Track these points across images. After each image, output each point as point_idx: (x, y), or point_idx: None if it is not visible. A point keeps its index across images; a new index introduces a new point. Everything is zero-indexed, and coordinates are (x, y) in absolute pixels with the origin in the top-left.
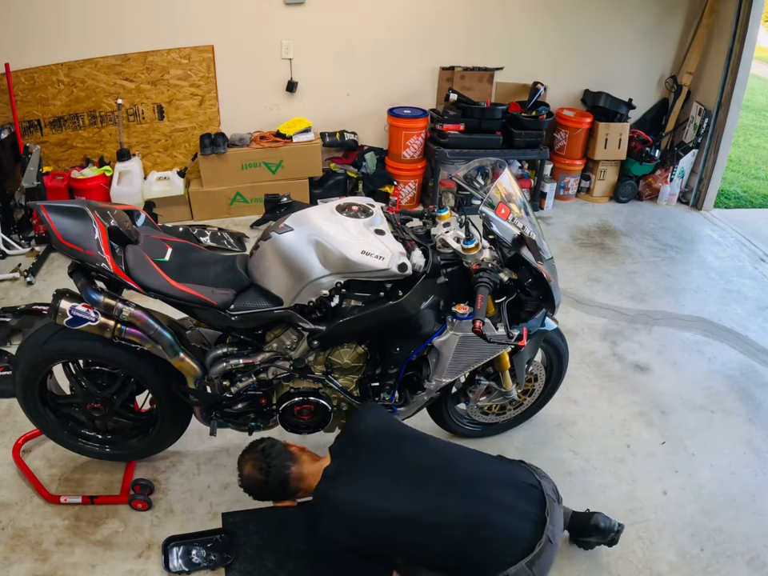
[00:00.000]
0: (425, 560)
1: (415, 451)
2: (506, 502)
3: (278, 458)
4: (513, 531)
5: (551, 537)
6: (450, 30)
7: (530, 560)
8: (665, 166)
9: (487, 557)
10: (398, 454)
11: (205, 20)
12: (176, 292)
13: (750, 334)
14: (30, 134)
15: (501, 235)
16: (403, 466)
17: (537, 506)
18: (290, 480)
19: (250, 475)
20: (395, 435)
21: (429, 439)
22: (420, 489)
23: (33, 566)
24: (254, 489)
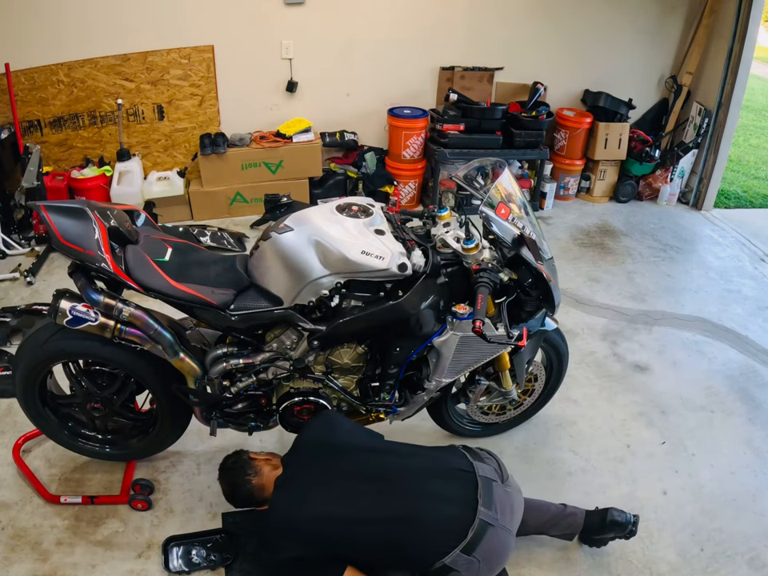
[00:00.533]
0: (364, 559)
1: (344, 458)
2: (433, 491)
3: (239, 472)
4: (441, 520)
5: (490, 521)
6: (450, 30)
7: (464, 546)
8: (665, 166)
9: (421, 548)
10: (332, 461)
11: (205, 20)
12: (176, 292)
13: (750, 334)
14: (30, 134)
15: (501, 235)
16: (336, 472)
17: (467, 491)
18: (253, 492)
19: (223, 489)
20: (328, 444)
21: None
22: (350, 492)
23: (33, 565)
24: (231, 500)
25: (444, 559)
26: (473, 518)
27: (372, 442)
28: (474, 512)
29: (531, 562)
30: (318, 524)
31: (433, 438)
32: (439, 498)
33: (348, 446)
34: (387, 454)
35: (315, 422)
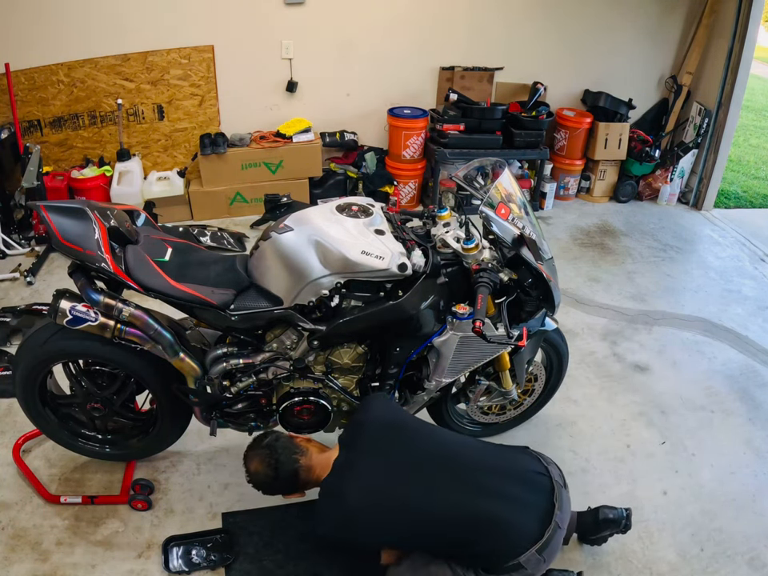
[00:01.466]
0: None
1: (420, 444)
2: (513, 494)
3: (285, 451)
4: (522, 523)
5: (560, 522)
6: (450, 30)
7: (539, 547)
8: (665, 166)
9: (496, 547)
10: (404, 447)
11: (205, 20)
12: (176, 292)
13: (750, 334)
14: (30, 134)
15: (501, 235)
16: (409, 460)
17: (545, 495)
18: (299, 473)
19: (258, 471)
20: (400, 427)
21: (433, 430)
22: (426, 484)
23: (33, 565)
24: (264, 485)
25: (519, 558)
26: (549, 520)
27: (438, 431)
28: (551, 515)
29: None
30: (391, 510)
31: None
32: (519, 500)
33: (419, 431)
34: (460, 446)
35: (375, 403)
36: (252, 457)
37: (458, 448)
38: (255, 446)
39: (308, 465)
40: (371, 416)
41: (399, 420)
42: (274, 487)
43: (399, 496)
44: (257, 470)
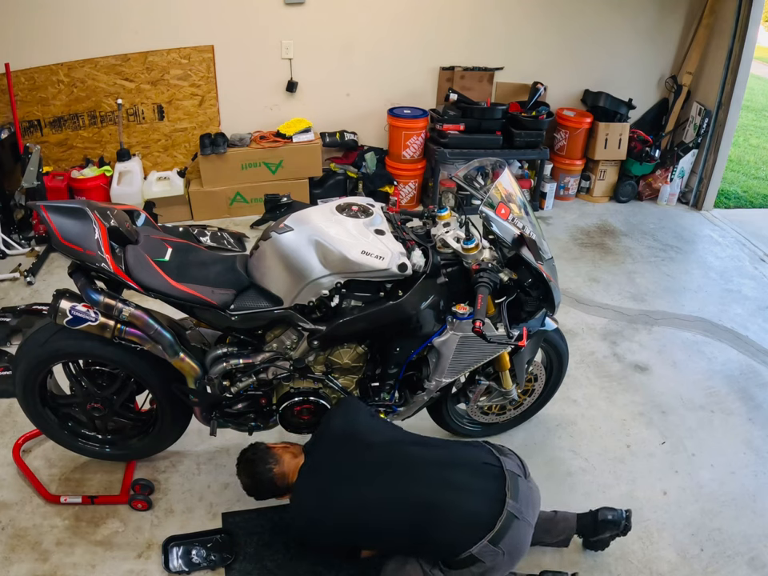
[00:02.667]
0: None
1: (369, 445)
2: (460, 482)
3: (260, 462)
4: (469, 510)
5: (516, 513)
6: (450, 30)
7: (492, 537)
8: (665, 166)
9: (450, 537)
10: (354, 451)
11: (205, 20)
12: (176, 292)
13: (750, 334)
14: (30, 134)
15: (501, 235)
16: (361, 461)
17: (495, 483)
18: (275, 480)
19: (244, 482)
20: (353, 432)
21: (384, 430)
22: (376, 480)
23: (33, 565)
24: (253, 492)
25: (471, 549)
26: (500, 509)
27: (394, 432)
28: (502, 504)
29: (531, 563)
30: (344, 511)
31: None
32: (468, 489)
33: (372, 435)
34: (411, 444)
35: (338, 411)
36: (238, 471)
37: (405, 446)
38: (238, 460)
39: (281, 471)
40: (331, 422)
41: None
42: (261, 493)
43: (352, 496)
44: (243, 482)
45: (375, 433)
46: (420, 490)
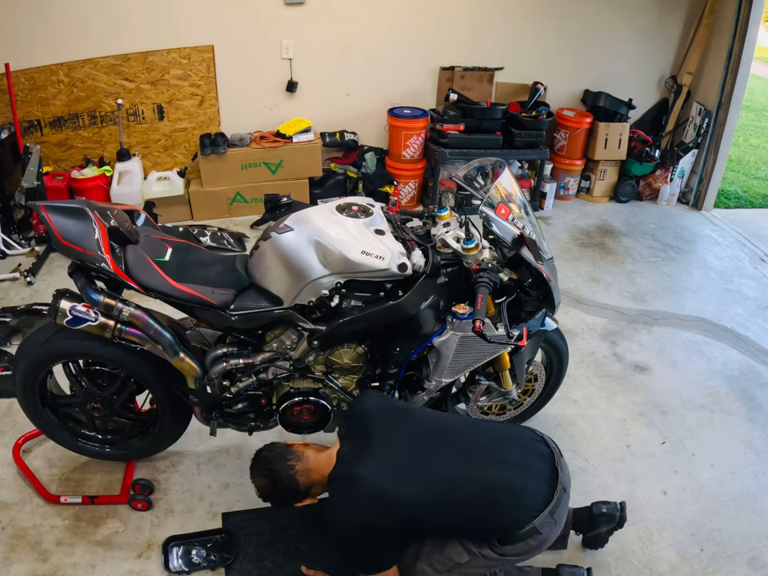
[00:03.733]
0: (450, 530)
1: (423, 422)
2: (519, 460)
3: (279, 459)
4: (533, 487)
5: (565, 486)
6: (450, 30)
7: (551, 509)
8: (665, 166)
9: (514, 515)
10: (409, 426)
11: (205, 20)
12: (176, 292)
13: (750, 334)
14: (30, 134)
15: (501, 235)
16: (418, 436)
17: (547, 460)
18: (297, 478)
19: (260, 485)
20: (400, 409)
21: (427, 410)
22: (438, 460)
23: (33, 565)
24: (270, 496)
25: (534, 521)
26: (556, 482)
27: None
28: (556, 478)
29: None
30: (408, 495)
31: None
32: (526, 465)
33: (418, 412)
34: (457, 423)
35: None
36: (253, 472)
37: (456, 425)
38: (254, 460)
39: (305, 468)
40: (369, 405)
41: (397, 404)
42: (279, 497)
43: (418, 469)
44: (259, 484)
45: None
46: (483, 466)
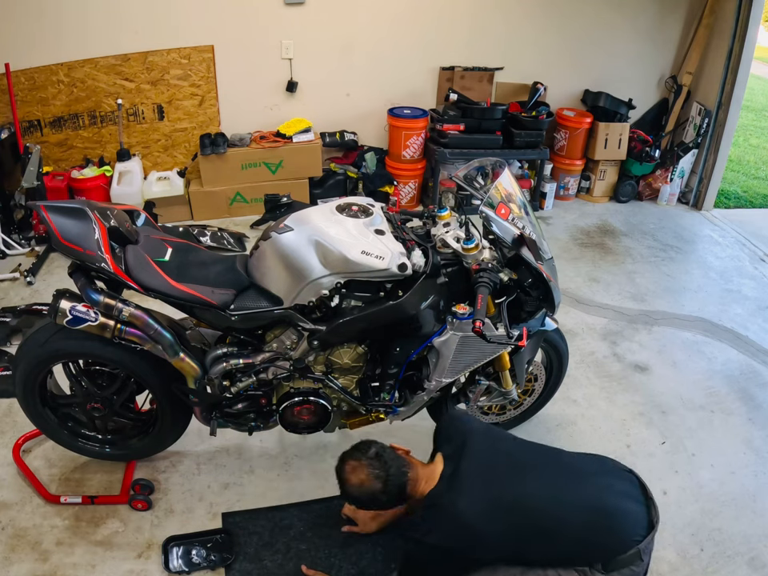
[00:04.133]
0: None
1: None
2: (616, 485)
3: (394, 464)
4: (632, 511)
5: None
6: (450, 30)
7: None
8: (665, 166)
9: (616, 537)
10: (509, 453)
11: (205, 20)
12: (176, 292)
13: (750, 334)
14: (30, 134)
15: (501, 235)
16: (519, 463)
17: (638, 488)
18: (406, 487)
19: (363, 484)
20: (496, 435)
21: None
22: (535, 489)
23: (33, 566)
24: (366, 499)
25: (639, 545)
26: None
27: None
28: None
29: None
30: (512, 517)
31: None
32: (625, 492)
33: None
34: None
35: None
36: (356, 468)
37: (547, 453)
38: (359, 455)
39: (414, 478)
40: (472, 426)
41: (494, 430)
42: (377, 501)
43: (519, 498)
44: (362, 483)
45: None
46: (582, 490)
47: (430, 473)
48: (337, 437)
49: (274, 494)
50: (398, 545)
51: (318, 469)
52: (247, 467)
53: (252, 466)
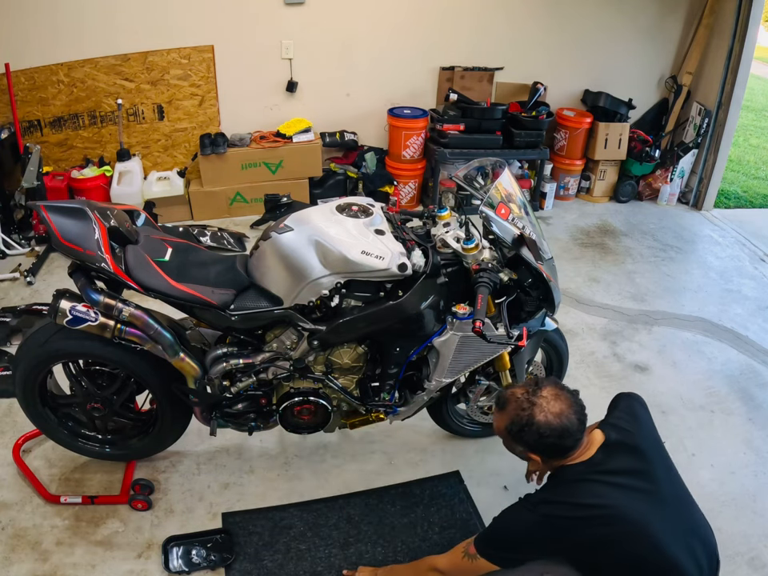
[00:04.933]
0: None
1: (665, 478)
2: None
3: (582, 410)
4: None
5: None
6: (450, 30)
7: None
8: (665, 166)
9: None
10: (652, 474)
11: (205, 20)
12: (176, 292)
13: (750, 334)
14: (30, 134)
15: (501, 235)
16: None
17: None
18: (580, 439)
19: (563, 414)
20: (661, 455)
21: (675, 468)
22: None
23: (33, 565)
24: (553, 432)
25: None
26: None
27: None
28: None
29: None
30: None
31: (433, 438)
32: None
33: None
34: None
35: (644, 410)
36: (559, 396)
37: (683, 492)
38: (560, 385)
39: (584, 440)
40: (642, 427)
41: (662, 448)
42: (562, 442)
43: (636, 518)
44: (561, 412)
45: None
46: (704, 532)
47: (586, 448)
48: (337, 437)
49: (274, 493)
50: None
51: (318, 469)
52: (247, 467)
53: (252, 466)
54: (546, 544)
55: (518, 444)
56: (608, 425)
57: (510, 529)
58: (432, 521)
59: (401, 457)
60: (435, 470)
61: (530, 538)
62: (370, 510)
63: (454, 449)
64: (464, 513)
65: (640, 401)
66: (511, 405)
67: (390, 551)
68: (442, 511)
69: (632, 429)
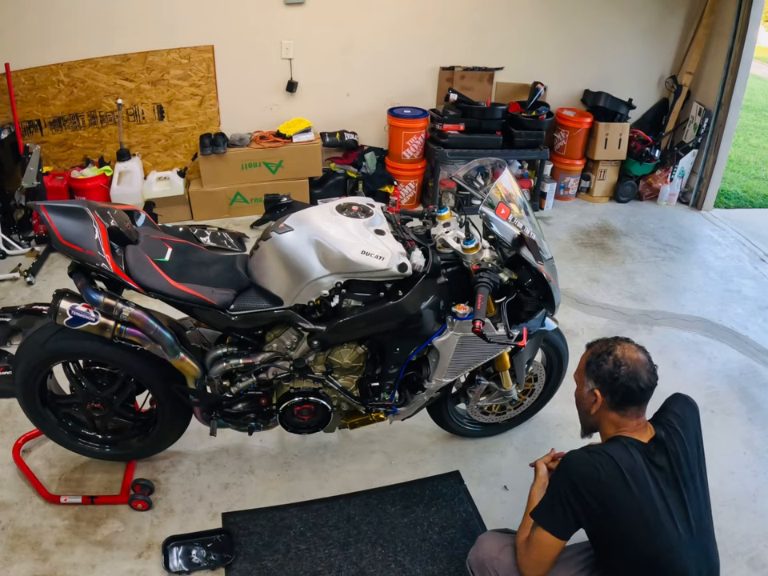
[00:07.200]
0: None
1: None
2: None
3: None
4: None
5: None
6: (451, 29)
7: None
8: (665, 166)
9: None
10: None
11: (205, 20)
12: (176, 292)
13: (750, 334)
14: (30, 134)
15: (501, 235)
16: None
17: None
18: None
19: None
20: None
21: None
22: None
23: (33, 565)
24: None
25: None
26: None
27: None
28: None
29: None
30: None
31: (433, 438)
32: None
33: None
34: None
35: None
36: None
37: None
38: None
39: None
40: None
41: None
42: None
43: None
44: (638, 359)
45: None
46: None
47: (644, 426)
48: (337, 437)
49: (273, 493)
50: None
51: (318, 469)
52: (247, 467)
53: (252, 466)
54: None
55: (590, 379)
56: (659, 423)
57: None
58: (432, 521)
59: (401, 457)
60: (435, 470)
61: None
62: (369, 509)
63: (453, 449)
64: (464, 513)
65: (694, 405)
66: (598, 342)
67: (390, 551)
68: (442, 511)
69: (679, 435)
